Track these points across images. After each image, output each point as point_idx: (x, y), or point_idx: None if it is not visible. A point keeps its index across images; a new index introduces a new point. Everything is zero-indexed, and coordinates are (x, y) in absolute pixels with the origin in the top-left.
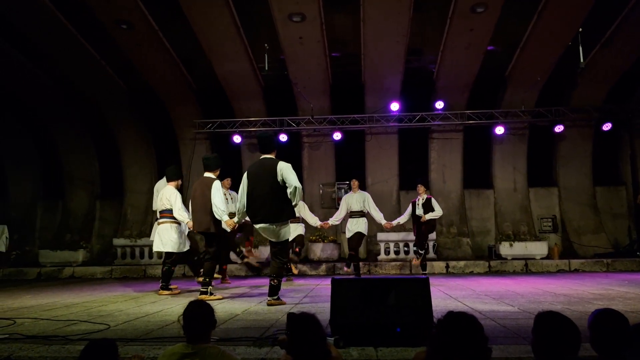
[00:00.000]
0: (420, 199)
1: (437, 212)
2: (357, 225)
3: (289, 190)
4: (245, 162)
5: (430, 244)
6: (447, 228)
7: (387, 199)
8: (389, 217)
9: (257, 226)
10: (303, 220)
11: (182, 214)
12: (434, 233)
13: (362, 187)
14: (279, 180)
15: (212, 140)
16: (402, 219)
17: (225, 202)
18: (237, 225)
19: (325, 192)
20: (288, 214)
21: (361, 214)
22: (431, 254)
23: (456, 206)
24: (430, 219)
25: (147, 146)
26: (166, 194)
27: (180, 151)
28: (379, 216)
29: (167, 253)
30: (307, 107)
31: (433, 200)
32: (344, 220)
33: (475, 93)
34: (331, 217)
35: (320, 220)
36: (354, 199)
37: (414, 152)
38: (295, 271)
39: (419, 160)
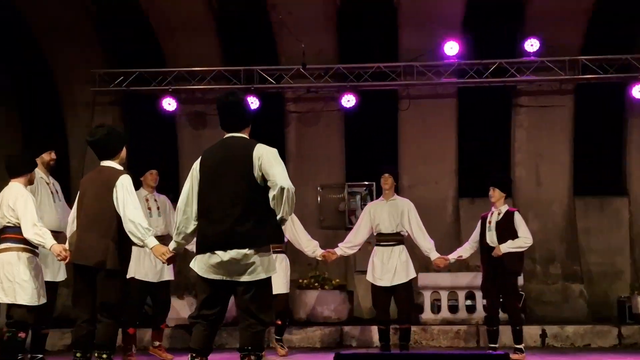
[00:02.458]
0: (495, 214)
1: (523, 239)
2: (393, 262)
3: (272, 193)
4: (185, 144)
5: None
6: (542, 266)
7: (437, 213)
8: (442, 247)
9: (212, 260)
10: (291, 249)
11: (39, 233)
12: (521, 277)
13: (396, 191)
14: (255, 175)
15: (125, 105)
16: (465, 250)
17: (146, 214)
18: (174, 257)
19: (327, 201)
20: (271, 235)
21: (398, 238)
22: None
23: (560, 227)
24: (511, 252)
25: (7, 118)
26: (8, 200)
27: (67, 126)
28: (427, 244)
29: (10, 306)
30: (294, 51)
31: (517, 217)
32: (363, 249)
33: (597, 28)
34: (340, 242)
35: (322, 246)
36: (386, 211)
37: (484, 130)
38: (282, 352)
39: (493, 146)
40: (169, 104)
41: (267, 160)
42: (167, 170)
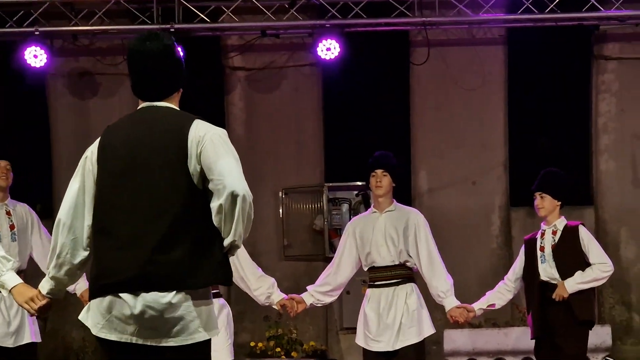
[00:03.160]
0: (548, 234)
1: (600, 267)
2: (396, 313)
3: (217, 202)
4: (61, 122)
5: None
6: (630, 309)
7: (475, 231)
8: (484, 285)
9: (117, 310)
10: (236, 292)
11: None
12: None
13: (406, 196)
14: (191, 170)
15: None
16: (501, 295)
17: None
18: (48, 305)
19: (295, 214)
20: (215, 271)
21: (403, 273)
22: None
23: None
24: (579, 291)
25: None
26: None
27: None
28: (440, 284)
29: None
30: None
31: (585, 234)
32: (353, 291)
33: None
34: (314, 283)
35: (285, 287)
36: (380, 230)
37: (549, 98)
38: None
39: (565, 124)
40: (34, 56)
41: (211, 146)
42: (33, 163)
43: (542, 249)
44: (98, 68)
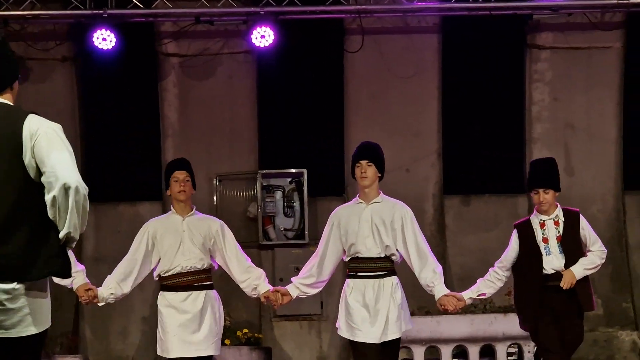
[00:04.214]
0: (550, 224)
1: (599, 253)
2: (383, 305)
3: (51, 194)
4: None
5: None
6: None
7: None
8: (407, 279)
9: None
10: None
11: None
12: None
13: (338, 181)
14: (26, 163)
15: None
16: (490, 283)
17: None
18: None
19: (229, 201)
20: (50, 263)
21: (387, 266)
22: None
23: (603, 241)
24: (582, 281)
25: None
26: None
27: None
28: (430, 274)
29: None
30: None
31: (584, 221)
32: (282, 278)
33: None
34: (298, 275)
35: (214, 275)
36: (366, 220)
37: (482, 86)
38: None
39: (497, 113)
40: None
41: (44, 140)
42: None
43: (545, 240)
44: (29, 53)
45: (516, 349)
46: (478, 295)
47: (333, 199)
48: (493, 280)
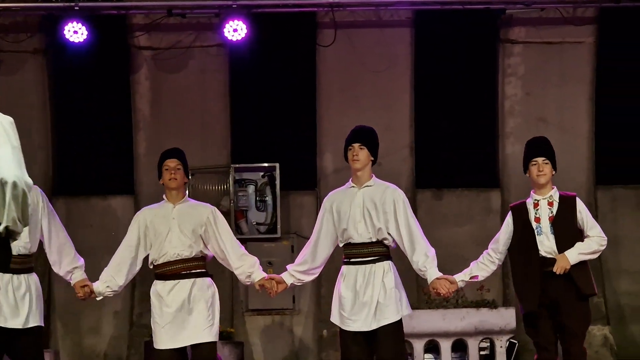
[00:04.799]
0: (544, 205)
1: (598, 239)
2: (373, 292)
3: None
4: None
5: None
6: None
7: None
8: None
9: None
10: (141, 273)
11: None
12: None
13: (311, 175)
14: None
15: None
16: (484, 266)
17: None
18: None
19: (202, 195)
20: None
21: (380, 251)
22: None
23: None
24: (579, 265)
25: None
26: None
27: None
28: (422, 258)
29: None
30: None
31: (582, 206)
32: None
33: None
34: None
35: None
36: (358, 205)
37: (456, 82)
38: None
39: (471, 106)
40: None
41: None
42: None
43: (537, 220)
44: (0, 45)
45: (488, 344)
46: (470, 278)
47: (305, 193)
48: (486, 263)
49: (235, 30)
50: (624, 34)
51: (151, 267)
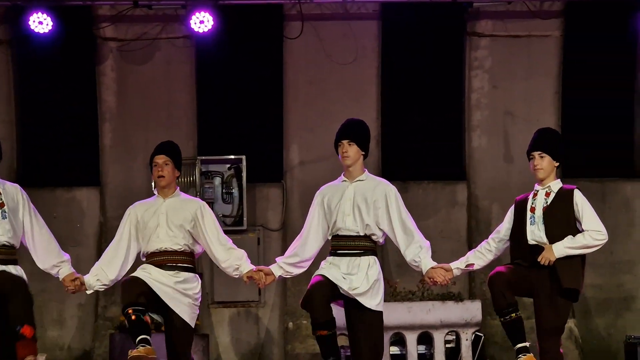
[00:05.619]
0: (541, 195)
1: (592, 234)
2: (356, 281)
3: None
4: None
5: None
6: None
7: None
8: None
9: None
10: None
11: None
12: (476, 309)
13: (277, 167)
14: None
15: None
16: (482, 255)
17: None
18: None
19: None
20: None
21: (367, 245)
22: None
23: None
24: (571, 256)
25: None
26: None
27: None
28: (416, 250)
29: None
30: None
31: (580, 199)
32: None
33: None
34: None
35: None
36: (349, 198)
37: (422, 74)
38: None
39: (437, 100)
40: None
41: None
42: None
43: (532, 209)
44: None
45: (454, 337)
46: (466, 266)
47: (272, 185)
48: (484, 252)
49: (202, 22)
50: (591, 28)
51: (143, 259)
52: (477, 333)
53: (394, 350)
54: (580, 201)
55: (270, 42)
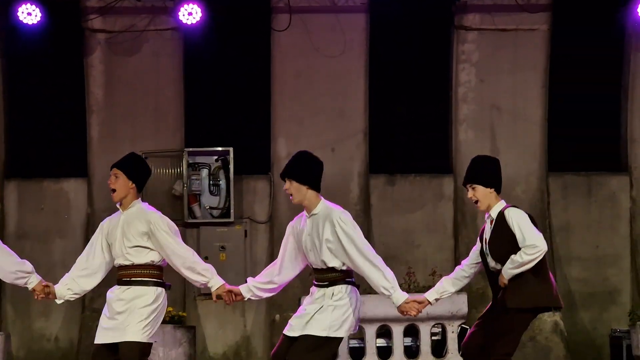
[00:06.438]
0: (488, 223)
1: (524, 250)
2: (314, 307)
3: None
4: None
5: None
6: (485, 278)
7: (333, 198)
8: None
9: None
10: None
11: None
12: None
13: (264, 160)
14: None
15: None
16: (455, 281)
17: None
18: None
19: (154, 179)
20: None
21: (332, 276)
22: None
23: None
24: (517, 278)
25: None
26: None
27: None
28: (380, 281)
29: None
30: None
31: (510, 217)
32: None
33: None
34: (256, 277)
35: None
36: (306, 233)
37: (409, 68)
38: None
39: (424, 93)
40: None
41: None
42: None
43: (485, 240)
44: None
45: (440, 329)
46: (442, 295)
47: (259, 177)
48: (458, 278)
49: (190, 14)
50: (578, 22)
51: None
52: (463, 325)
53: (381, 342)
54: (511, 220)
55: (258, 34)
